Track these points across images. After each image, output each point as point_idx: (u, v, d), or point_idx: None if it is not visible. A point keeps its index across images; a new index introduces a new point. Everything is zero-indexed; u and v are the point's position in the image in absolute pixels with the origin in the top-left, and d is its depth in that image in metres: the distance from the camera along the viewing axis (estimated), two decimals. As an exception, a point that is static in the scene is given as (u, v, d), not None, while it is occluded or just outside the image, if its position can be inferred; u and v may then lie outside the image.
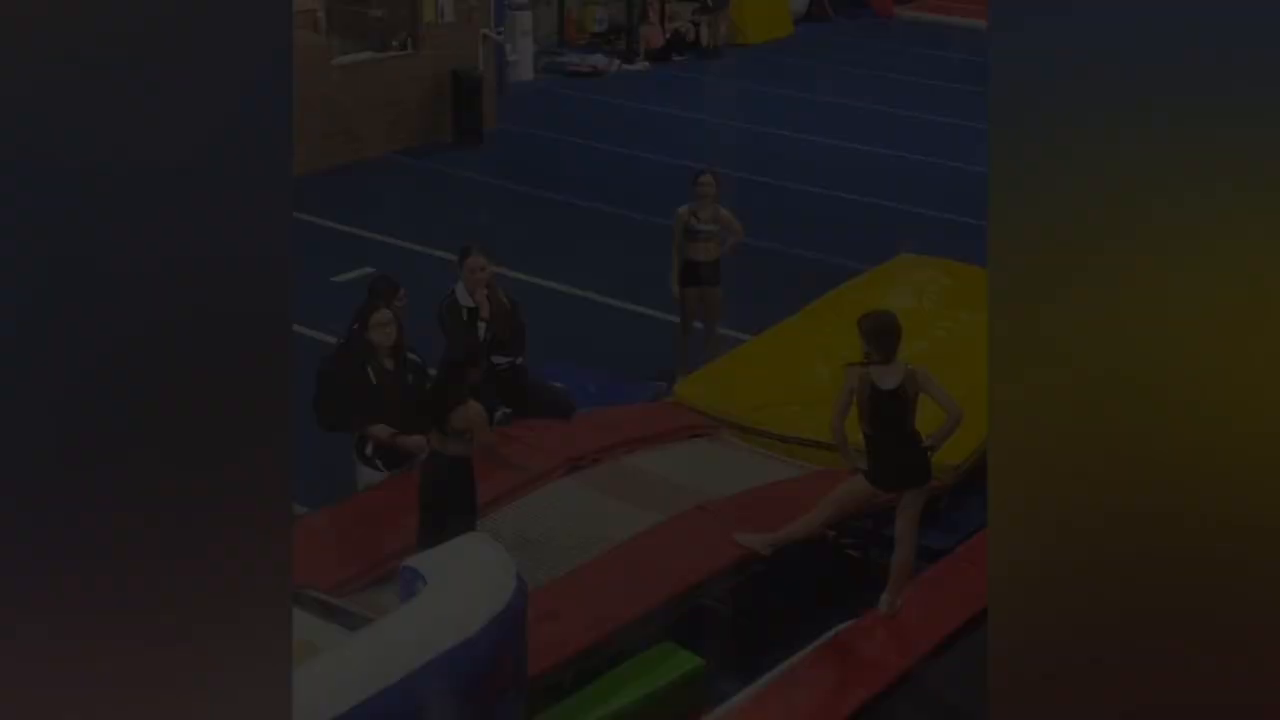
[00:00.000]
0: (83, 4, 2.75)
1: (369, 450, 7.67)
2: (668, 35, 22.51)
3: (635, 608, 6.58)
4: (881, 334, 6.72)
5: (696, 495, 7.83)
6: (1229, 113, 2.97)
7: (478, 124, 17.09)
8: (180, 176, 2.83)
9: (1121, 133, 3.03)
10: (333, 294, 10.92)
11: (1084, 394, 3.08)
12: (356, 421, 7.59)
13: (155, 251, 2.81)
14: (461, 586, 4.98)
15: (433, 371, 7.53)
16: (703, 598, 7.12)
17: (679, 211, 10.00)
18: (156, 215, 2.80)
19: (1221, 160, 2.97)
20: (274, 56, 2.96)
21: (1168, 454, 3.03)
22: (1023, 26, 3.11)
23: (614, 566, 6.96)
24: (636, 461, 8.24)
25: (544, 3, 22.34)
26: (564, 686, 6.23)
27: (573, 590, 6.72)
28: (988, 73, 3.23)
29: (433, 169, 16.30)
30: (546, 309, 10.82)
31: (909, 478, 6.78)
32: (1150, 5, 3.04)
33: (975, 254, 12.17)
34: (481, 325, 8.24)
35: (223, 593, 2.89)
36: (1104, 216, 3.05)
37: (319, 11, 15.71)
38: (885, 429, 6.70)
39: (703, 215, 9.95)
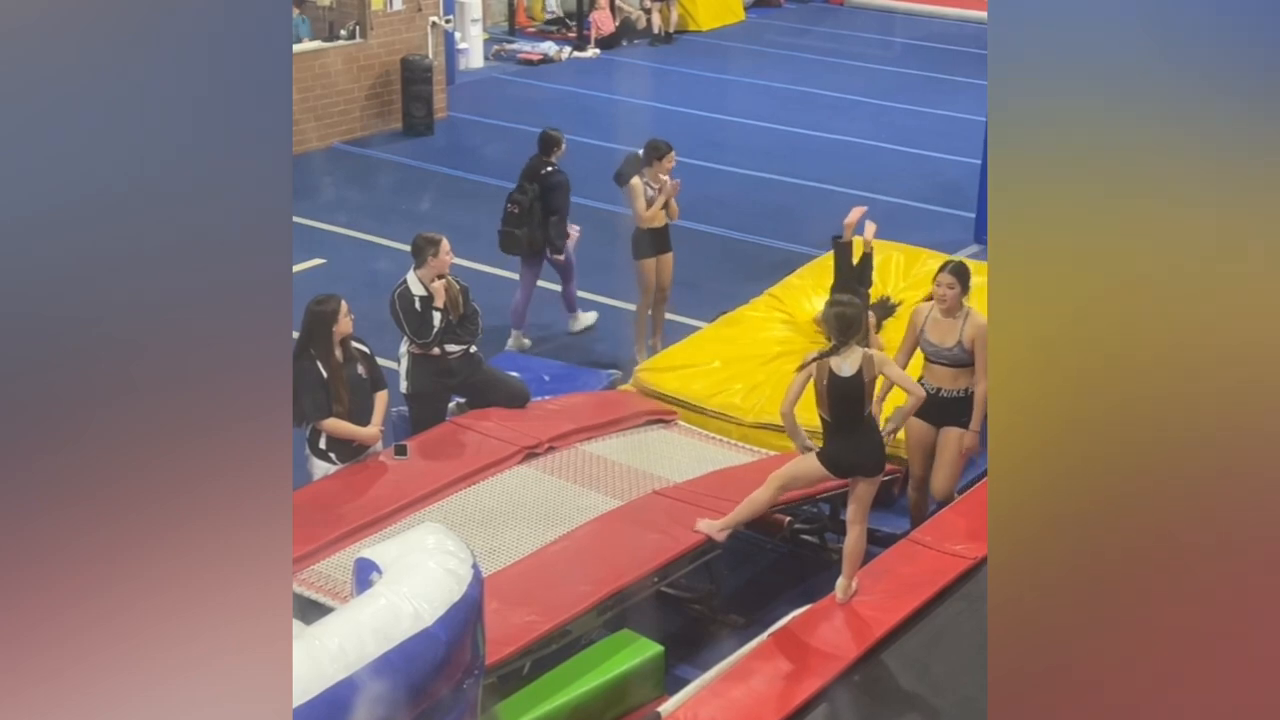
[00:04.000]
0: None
1: (322, 444, 7.64)
2: (618, 22, 22.48)
3: (593, 595, 6.57)
4: (849, 324, 6.76)
5: (653, 481, 7.84)
6: (1233, 95, 2.95)
7: (428, 113, 17.01)
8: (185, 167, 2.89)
9: (1121, 119, 3.02)
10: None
11: (1086, 384, 3.07)
12: (310, 415, 7.54)
13: (160, 240, 2.87)
14: (417, 576, 4.95)
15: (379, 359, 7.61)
16: (661, 584, 7.13)
17: (633, 183, 9.95)
18: (160, 206, 2.87)
19: (1227, 145, 2.95)
20: (276, 56, 3.02)
21: (1171, 444, 3.02)
22: (1022, 12, 3.10)
23: (571, 553, 6.96)
24: (592, 448, 8.24)
25: (493, -10, 22.30)
26: (522, 675, 6.23)
27: (530, 578, 6.71)
28: (938, 58, 3.24)
29: (383, 159, 16.21)
30: (498, 297, 10.79)
31: (863, 467, 6.81)
32: None
33: (926, 237, 12.26)
34: (436, 314, 8.22)
35: (223, 577, 2.93)
36: (1105, 204, 3.04)
37: (266, 0, 15.57)
38: (842, 414, 6.72)
39: (655, 184, 9.95)
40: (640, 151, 10.18)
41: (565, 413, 8.63)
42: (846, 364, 6.67)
